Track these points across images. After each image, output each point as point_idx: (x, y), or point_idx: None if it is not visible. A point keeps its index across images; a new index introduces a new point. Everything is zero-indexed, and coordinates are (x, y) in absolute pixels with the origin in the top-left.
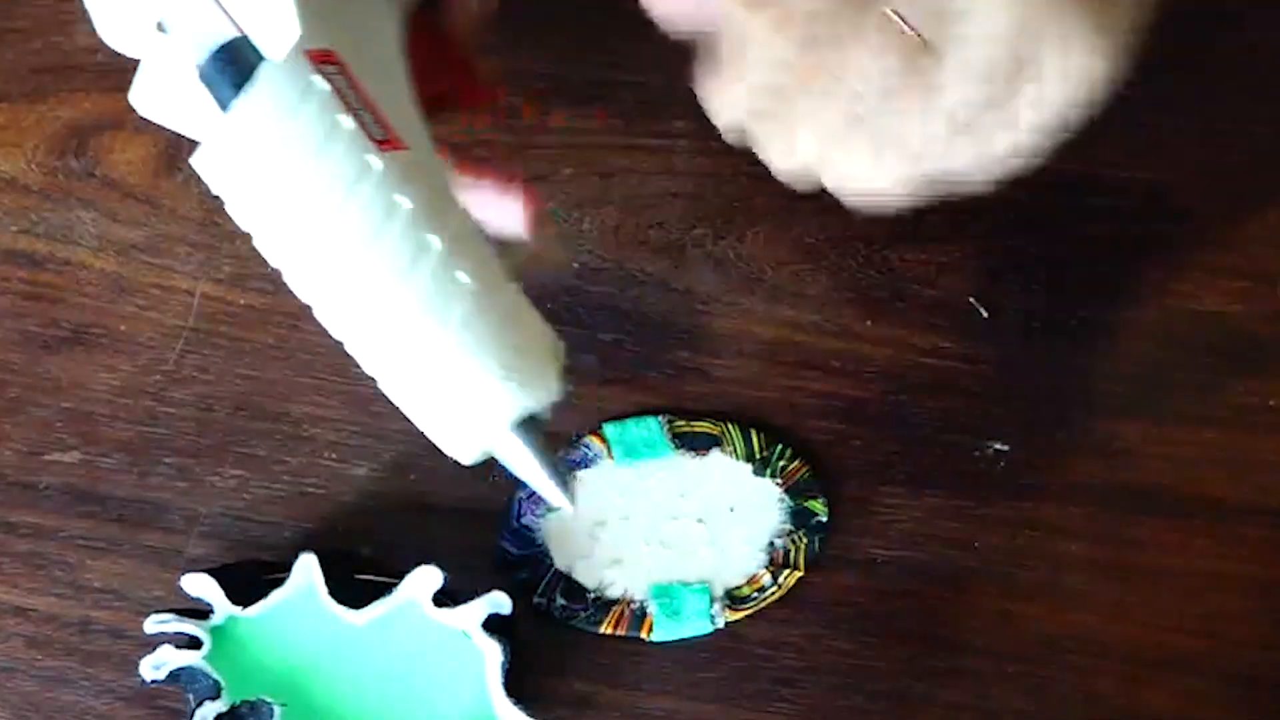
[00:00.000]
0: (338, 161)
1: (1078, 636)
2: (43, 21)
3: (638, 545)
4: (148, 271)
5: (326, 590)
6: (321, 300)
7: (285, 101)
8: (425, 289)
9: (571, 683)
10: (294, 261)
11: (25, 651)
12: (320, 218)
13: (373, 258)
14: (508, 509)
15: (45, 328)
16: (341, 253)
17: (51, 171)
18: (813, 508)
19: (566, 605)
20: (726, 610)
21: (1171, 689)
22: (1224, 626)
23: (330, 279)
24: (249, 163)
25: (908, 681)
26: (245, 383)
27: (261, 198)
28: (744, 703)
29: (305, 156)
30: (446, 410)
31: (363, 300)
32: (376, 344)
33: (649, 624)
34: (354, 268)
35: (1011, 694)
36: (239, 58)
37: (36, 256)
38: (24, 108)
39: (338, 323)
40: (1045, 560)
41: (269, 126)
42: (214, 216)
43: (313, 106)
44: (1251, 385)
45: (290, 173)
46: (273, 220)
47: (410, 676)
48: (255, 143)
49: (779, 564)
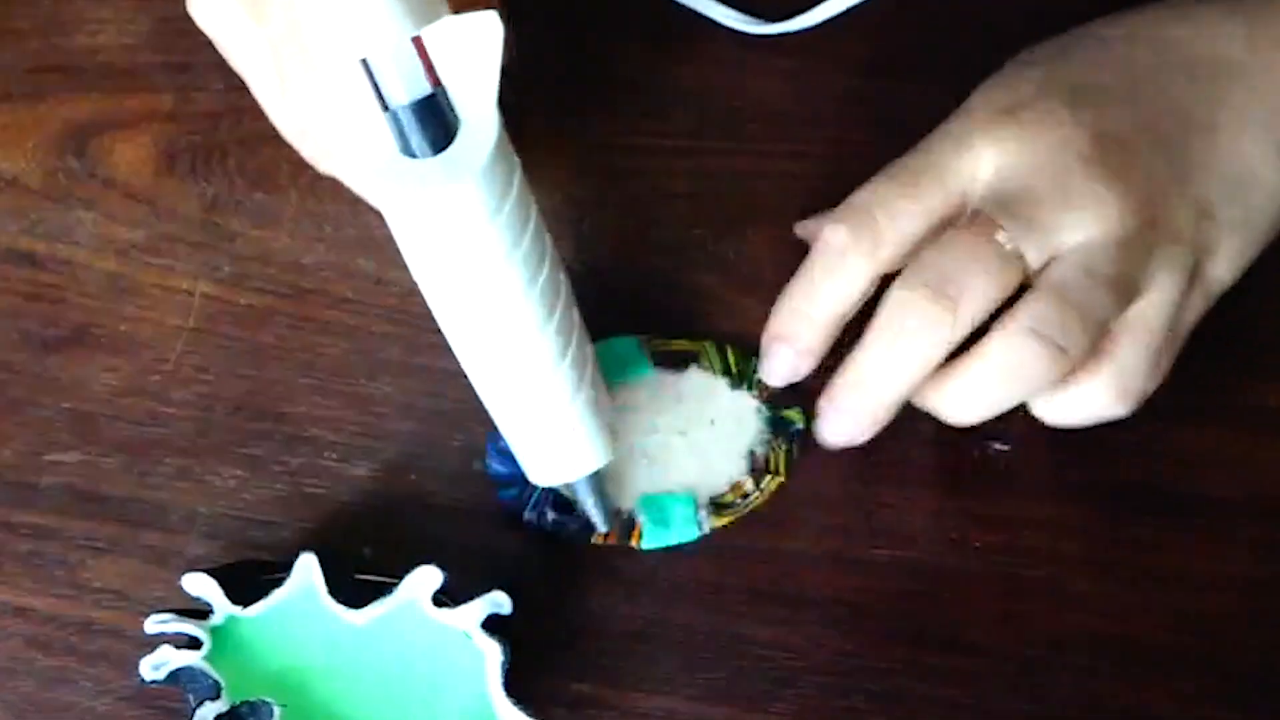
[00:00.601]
0: (533, 242)
1: (1078, 636)
2: (43, 21)
3: (623, 459)
4: (148, 271)
5: (326, 590)
6: (476, 349)
7: (502, 176)
8: (573, 354)
9: (571, 683)
10: (461, 313)
11: (25, 651)
12: (506, 286)
13: (538, 325)
14: (494, 429)
15: (45, 328)
16: (514, 316)
17: (51, 171)
18: (790, 417)
19: (557, 518)
20: (712, 517)
21: (1171, 689)
22: (1224, 626)
23: (495, 334)
24: (456, 230)
25: (908, 681)
26: (245, 383)
27: (453, 259)
28: (744, 703)
29: (511, 234)
30: (552, 452)
31: (518, 357)
32: (514, 390)
33: (638, 533)
34: (519, 326)
35: (1011, 694)
36: (438, 112)
37: (36, 256)
38: (24, 108)
39: (482, 365)
40: (1045, 560)
41: (484, 198)
42: (214, 216)
43: (519, 184)
44: (1251, 385)
45: (493, 248)
46: (455, 279)
47: (410, 676)
48: (467, 214)
49: (760, 471)
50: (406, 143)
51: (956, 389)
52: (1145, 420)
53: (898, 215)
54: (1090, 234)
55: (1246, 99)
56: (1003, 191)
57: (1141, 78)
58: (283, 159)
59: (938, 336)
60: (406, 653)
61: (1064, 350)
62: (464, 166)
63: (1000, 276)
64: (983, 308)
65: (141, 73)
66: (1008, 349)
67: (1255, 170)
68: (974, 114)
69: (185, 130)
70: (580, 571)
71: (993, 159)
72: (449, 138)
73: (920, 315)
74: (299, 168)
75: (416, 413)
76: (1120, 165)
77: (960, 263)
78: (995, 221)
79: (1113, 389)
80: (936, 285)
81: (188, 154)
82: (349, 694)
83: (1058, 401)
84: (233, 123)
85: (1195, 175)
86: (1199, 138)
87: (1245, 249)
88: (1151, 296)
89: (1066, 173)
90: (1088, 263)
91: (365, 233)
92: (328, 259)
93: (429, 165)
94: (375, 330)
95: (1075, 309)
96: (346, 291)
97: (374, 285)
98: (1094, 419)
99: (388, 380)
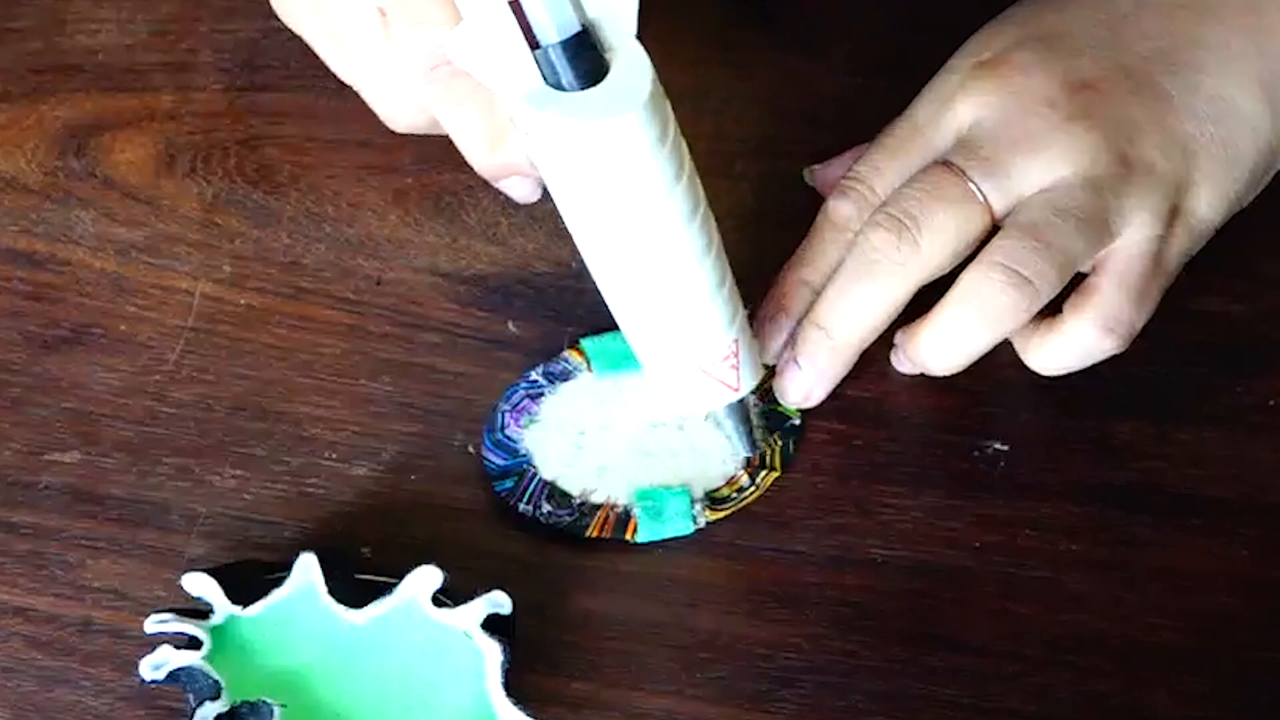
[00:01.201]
0: (692, 173)
1: (1078, 636)
2: (43, 21)
3: (619, 453)
4: (148, 271)
5: (326, 590)
6: (631, 283)
7: (662, 107)
8: (730, 282)
9: (571, 683)
10: (619, 249)
11: (25, 651)
12: (670, 217)
13: (698, 255)
14: (490, 421)
15: (45, 328)
16: (677, 247)
17: (51, 171)
18: (786, 411)
19: (552, 512)
20: (707, 510)
21: (1171, 689)
22: (1224, 626)
23: (656, 266)
24: (623, 161)
25: (908, 681)
26: (245, 383)
27: (616, 192)
28: (744, 703)
29: (674, 165)
30: (703, 381)
31: (678, 287)
32: (669, 321)
33: (633, 526)
34: (682, 256)
35: (1011, 694)
36: (589, 48)
37: (36, 256)
38: (24, 108)
39: (634, 298)
40: (1045, 560)
41: (651, 128)
42: (214, 216)
43: (672, 122)
44: (1251, 385)
45: (659, 179)
46: (616, 213)
47: (410, 676)
48: (635, 145)
49: (756, 465)
50: (557, 79)
51: (930, 333)
52: (1145, 420)
53: (894, 184)
54: (1059, 175)
55: (1227, 37)
56: (971, 140)
57: (1121, 23)
58: (283, 159)
59: (902, 271)
60: (406, 652)
61: (1030, 283)
62: (629, 97)
63: (961, 209)
64: (946, 244)
65: (141, 73)
66: (975, 284)
67: (1236, 103)
68: (954, 71)
69: (185, 130)
70: (580, 571)
71: (970, 112)
72: (600, 73)
73: (884, 248)
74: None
75: (416, 413)
76: (1089, 107)
77: (922, 199)
78: (958, 166)
79: (1097, 324)
80: (899, 219)
81: (188, 154)
82: (349, 694)
83: (1047, 346)
84: (233, 123)
85: (1170, 112)
86: (1178, 77)
87: (1226, 182)
88: (1129, 233)
89: (1035, 118)
90: (1056, 202)
91: (365, 233)
92: (328, 259)
93: (591, 97)
94: (375, 330)
95: (1042, 243)
96: (346, 291)
97: (374, 285)
98: (1085, 358)
99: (388, 380)
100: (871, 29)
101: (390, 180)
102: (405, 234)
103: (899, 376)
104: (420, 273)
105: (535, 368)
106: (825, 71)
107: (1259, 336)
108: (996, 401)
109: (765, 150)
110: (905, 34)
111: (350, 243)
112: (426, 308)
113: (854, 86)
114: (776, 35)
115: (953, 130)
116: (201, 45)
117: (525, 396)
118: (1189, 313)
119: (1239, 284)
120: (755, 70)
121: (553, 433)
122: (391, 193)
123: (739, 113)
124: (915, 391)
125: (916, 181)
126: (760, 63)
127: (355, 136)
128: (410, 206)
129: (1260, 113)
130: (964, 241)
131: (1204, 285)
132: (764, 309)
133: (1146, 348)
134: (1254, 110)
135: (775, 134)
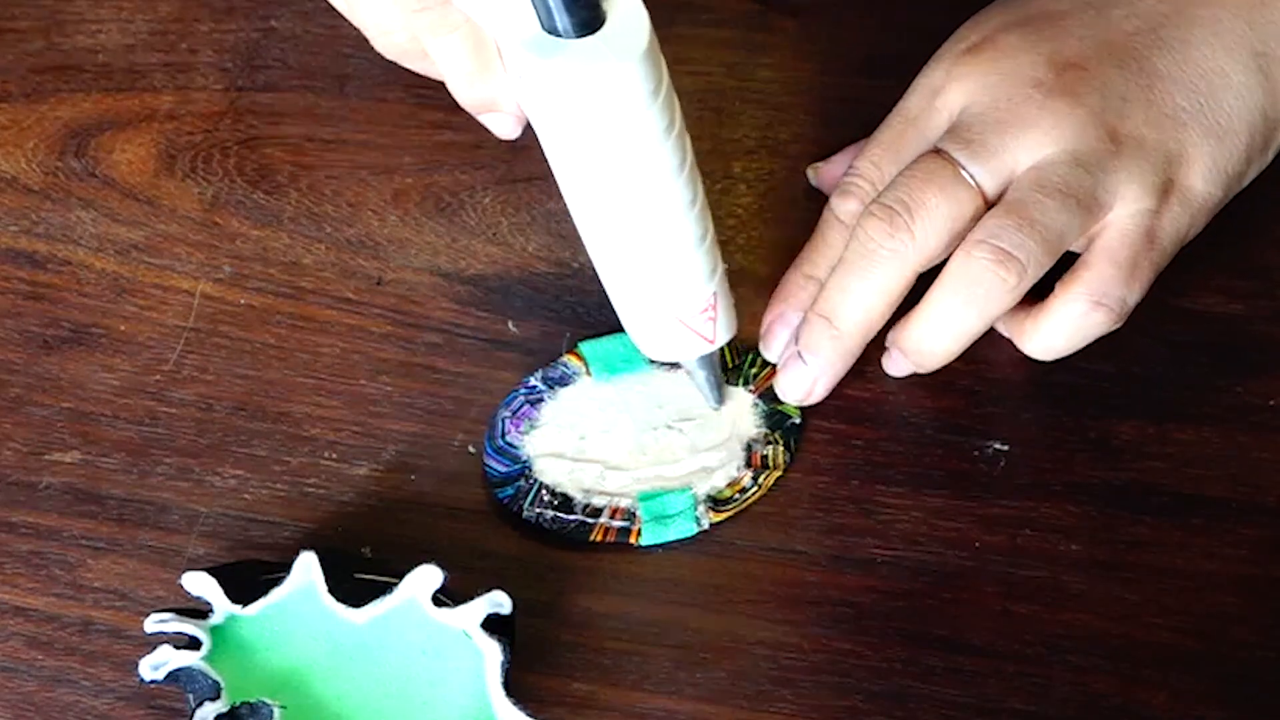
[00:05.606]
0: (682, 127)
1: (1078, 636)
2: (43, 21)
3: (620, 456)
4: (148, 271)
5: (326, 590)
6: (614, 232)
7: (657, 58)
8: (711, 235)
9: (571, 683)
10: (605, 197)
11: (25, 651)
12: (660, 168)
13: (685, 206)
14: (491, 428)
15: (45, 328)
16: (665, 197)
17: (51, 171)
18: (786, 410)
19: (556, 516)
20: (710, 512)
21: (1171, 689)
22: (1224, 626)
23: (642, 215)
24: (617, 110)
25: (908, 681)
26: (245, 383)
27: (608, 140)
28: (744, 703)
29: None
30: (680, 331)
31: (663, 237)
32: (650, 272)
33: (637, 530)
34: (668, 206)
35: (1011, 694)
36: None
37: (36, 256)
38: (24, 108)
39: (617, 248)
40: (1045, 560)
41: (647, 78)
42: (214, 216)
43: (666, 75)
44: (1251, 385)
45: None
46: (606, 162)
47: (410, 676)
48: (630, 93)
49: (758, 466)
50: (553, 25)
51: (920, 320)
52: (1145, 420)
53: (892, 175)
54: (1045, 153)
55: (1217, 13)
56: (960, 125)
57: (1108, 3)
58: (283, 159)
59: (898, 259)
60: (406, 652)
61: (1016, 259)
62: (627, 46)
63: (952, 193)
64: (940, 229)
65: (141, 73)
66: (962, 265)
67: (1227, 75)
68: (942, 60)
69: (185, 130)
70: (580, 571)
71: (959, 98)
72: (597, 22)
73: (879, 237)
74: (299, 168)
75: (416, 413)
76: (1075, 84)
77: (913, 186)
78: (948, 151)
79: (1086, 298)
80: (892, 208)
81: (188, 154)
82: (349, 694)
83: (1040, 327)
84: (233, 123)
85: (1159, 85)
86: (1166, 51)
87: (1220, 155)
88: (1120, 208)
89: (1020, 98)
90: (1042, 179)
91: (365, 233)
92: (328, 259)
93: (589, 46)
94: (375, 330)
95: (1026, 220)
96: (346, 291)
97: (374, 285)
98: (1077, 336)
99: (388, 380)
100: (872, 29)
101: (390, 180)
102: (405, 234)
103: (900, 376)
104: (420, 273)
105: (534, 373)
106: (825, 71)
107: (1259, 336)
108: (996, 401)
109: (765, 150)
110: (905, 34)
111: (350, 243)
112: (426, 308)
113: (854, 86)
114: (776, 35)
115: (944, 117)
116: (201, 45)
117: (525, 402)
118: (1189, 313)
119: (1239, 284)
120: (755, 70)
121: (553, 438)
122: (391, 193)
123: (739, 113)
124: (915, 391)
125: (909, 170)
126: (760, 63)
127: (355, 136)
128: (410, 206)
129: (1253, 84)
130: (958, 226)
131: (1204, 285)
132: (770, 306)
133: (1146, 348)
134: (1246, 81)
135: (775, 134)
